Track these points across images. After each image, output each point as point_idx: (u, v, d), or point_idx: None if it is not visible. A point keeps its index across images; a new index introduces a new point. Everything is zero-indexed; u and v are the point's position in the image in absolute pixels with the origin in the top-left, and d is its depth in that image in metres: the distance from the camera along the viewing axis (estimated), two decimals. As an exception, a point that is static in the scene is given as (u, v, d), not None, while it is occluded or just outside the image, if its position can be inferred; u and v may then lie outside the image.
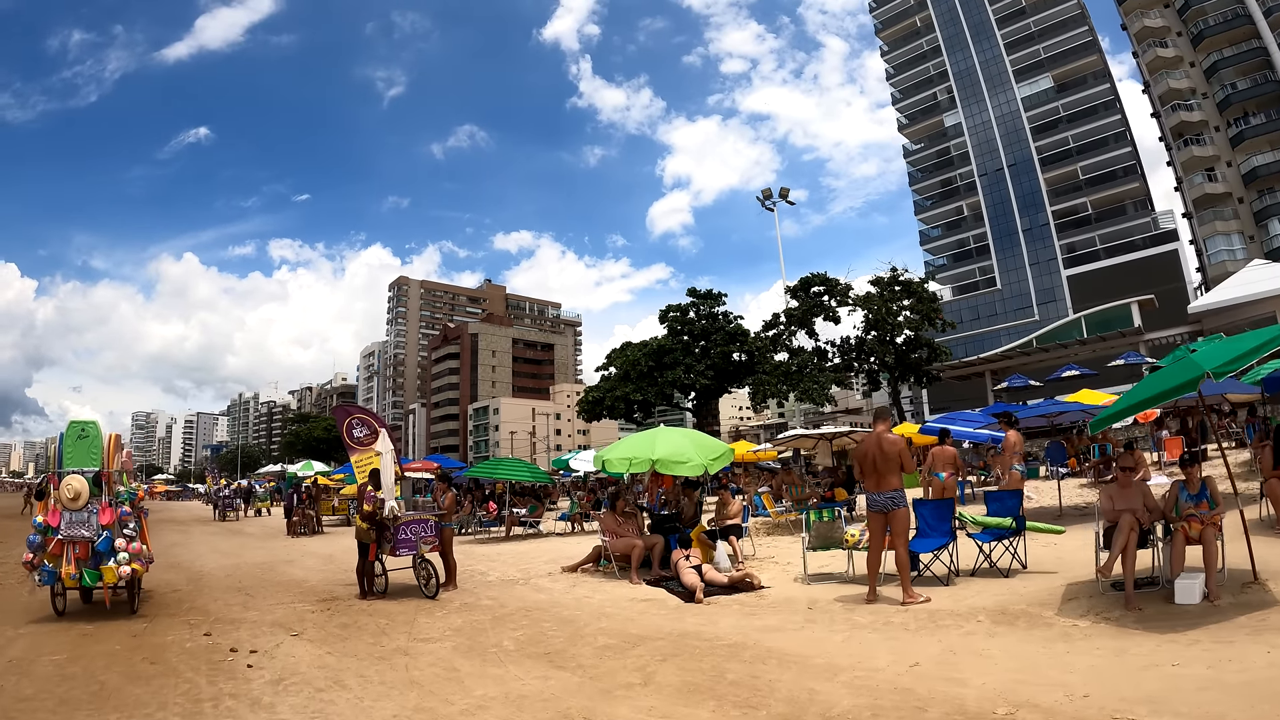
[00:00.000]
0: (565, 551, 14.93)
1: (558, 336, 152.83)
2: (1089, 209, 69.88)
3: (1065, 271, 69.05)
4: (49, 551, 9.84)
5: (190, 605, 9.92)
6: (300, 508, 24.21)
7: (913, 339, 39.58)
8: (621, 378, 49.50)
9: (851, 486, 16.28)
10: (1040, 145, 72.88)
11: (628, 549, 11.02)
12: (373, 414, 13.67)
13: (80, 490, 10.16)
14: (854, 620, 7.34)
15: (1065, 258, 69.54)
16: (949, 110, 79.90)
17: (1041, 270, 70.51)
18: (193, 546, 19.69)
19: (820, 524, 9.56)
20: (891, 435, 8.27)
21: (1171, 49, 59.03)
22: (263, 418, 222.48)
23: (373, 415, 13.53)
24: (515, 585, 10.99)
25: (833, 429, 17.42)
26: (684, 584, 9.33)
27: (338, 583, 11.78)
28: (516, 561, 14.02)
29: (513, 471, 21.08)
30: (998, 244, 73.82)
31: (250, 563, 15.56)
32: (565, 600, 9.48)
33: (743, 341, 46.80)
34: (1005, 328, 67.94)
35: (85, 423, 11.01)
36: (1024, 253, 71.76)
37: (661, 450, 11.25)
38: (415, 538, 10.14)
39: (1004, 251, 73.26)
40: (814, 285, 41.27)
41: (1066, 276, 68.80)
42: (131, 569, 9.76)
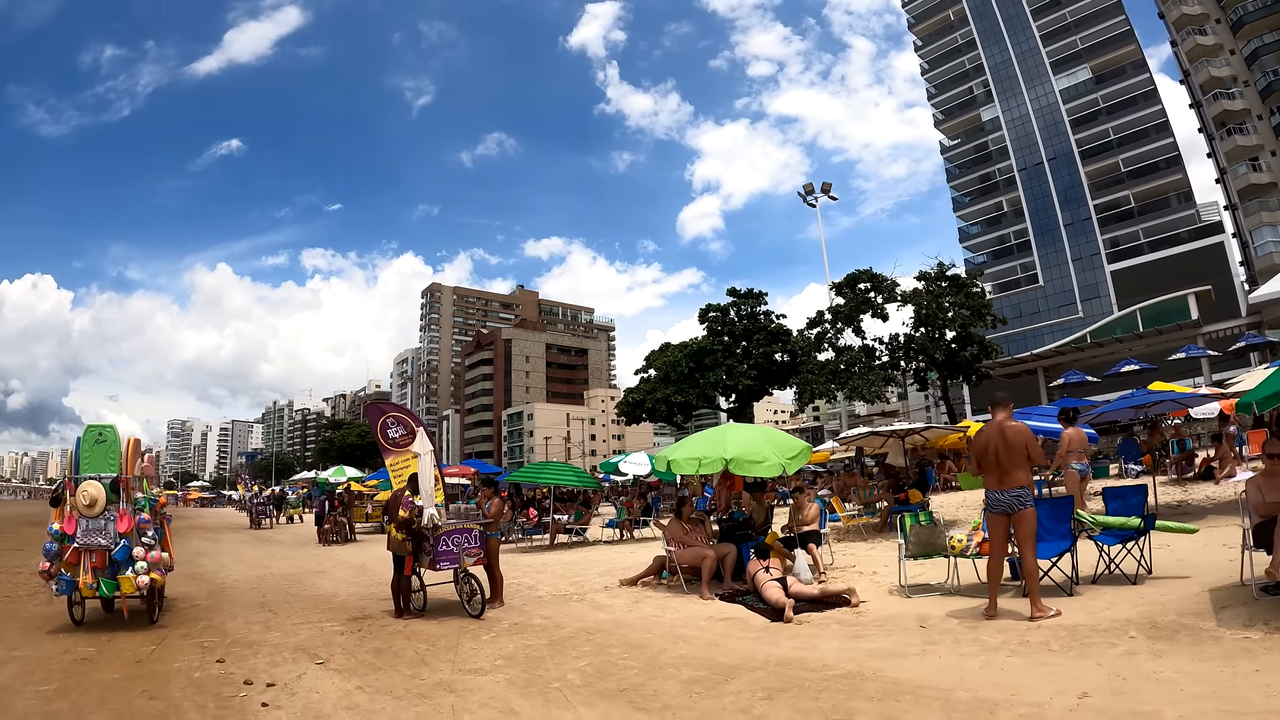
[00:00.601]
0: (618, 562, 13.89)
1: (591, 342, 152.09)
2: (1131, 202, 67.60)
3: (1109, 266, 66.74)
4: (66, 560, 9.44)
5: (206, 623, 9.08)
6: (332, 515, 23.37)
7: (963, 335, 38.11)
8: (662, 379, 48.52)
9: (925, 487, 15.10)
10: (1080, 138, 70.73)
11: (697, 560, 9.93)
12: (409, 412, 12.57)
13: (97, 497, 9.66)
14: (982, 640, 6.22)
15: (1108, 252, 67.28)
16: (986, 104, 77.92)
17: (1084, 266, 68.38)
18: (219, 555, 18.93)
19: (919, 528, 8.35)
20: (1015, 423, 7.11)
21: (1211, 36, 57.04)
22: (297, 425, 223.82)
23: (409, 414, 12.44)
24: (570, 601, 9.94)
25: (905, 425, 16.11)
26: (766, 600, 8.21)
27: (370, 597, 10.88)
28: (566, 573, 12.91)
29: (559, 476, 20.01)
30: (1039, 240, 71.74)
31: (277, 574, 14.70)
32: (631, 620, 8.38)
33: (785, 341, 45.60)
34: (1048, 325, 65.95)
35: (103, 427, 10.44)
36: (1066, 248, 69.67)
37: (735, 448, 10.06)
38: (458, 549, 9.08)
39: (1046, 247, 71.17)
40: (860, 281, 39.93)
41: (1110, 272, 66.55)
42: (150, 578, 9.36)
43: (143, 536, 9.79)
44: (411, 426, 11.88)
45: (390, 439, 11.92)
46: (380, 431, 11.98)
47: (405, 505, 9.23)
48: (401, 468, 11.39)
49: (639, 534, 19.14)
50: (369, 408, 12.82)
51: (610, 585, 10.99)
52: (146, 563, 9.53)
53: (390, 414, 12.27)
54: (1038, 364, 44.16)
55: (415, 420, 12.12)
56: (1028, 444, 6.96)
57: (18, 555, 17.99)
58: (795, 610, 7.70)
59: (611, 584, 11.08)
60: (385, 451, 11.94)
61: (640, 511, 20.03)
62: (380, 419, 12.12)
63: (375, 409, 12.47)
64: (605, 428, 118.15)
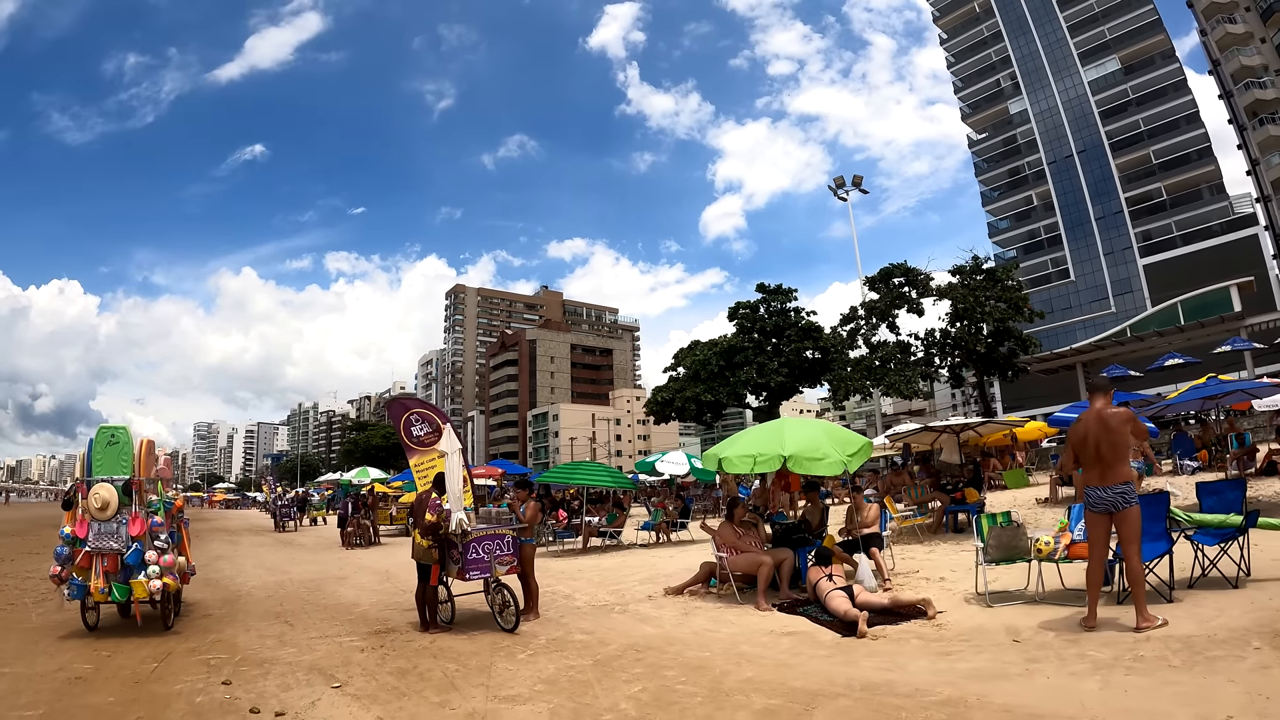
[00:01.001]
0: (659, 568, 13.08)
1: (615, 342, 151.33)
2: (1163, 194, 66.13)
3: (1141, 260, 65.43)
4: (77, 564, 9.25)
5: (216, 636, 8.48)
6: (355, 517, 22.71)
7: (1001, 330, 37.00)
8: (691, 378, 47.59)
9: (980, 485, 14.25)
10: (1110, 129, 69.38)
11: (752, 567, 9.12)
12: (434, 409, 11.60)
13: (108, 500, 9.40)
14: (1090, 656, 5.47)
15: (1141, 246, 65.92)
16: (1013, 97, 76.65)
17: (1116, 260, 66.97)
18: (238, 559, 18.37)
19: (999, 530, 7.51)
20: (1117, 410, 6.32)
21: (1241, 25, 55.55)
22: (322, 427, 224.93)
23: (435, 410, 11.52)
24: (611, 613, 9.17)
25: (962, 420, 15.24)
26: (832, 611, 7.46)
27: (394, 607, 10.25)
28: (604, 580, 12.10)
29: (592, 476, 19.18)
30: (1070, 234, 70.34)
31: (297, 579, 14.06)
32: (683, 635, 7.54)
33: (816, 338, 44.69)
34: (1080, 321, 64.61)
35: (115, 429, 10.15)
36: (1098, 242, 68.25)
37: (793, 444, 9.24)
38: (489, 557, 8.39)
39: (1077, 241, 69.74)
40: (894, 276, 38.89)
41: (1143, 266, 65.17)
42: (163, 583, 9.14)
43: (156, 540, 9.46)
44: (437, 424, 11.00)
45: (414, 437, 11.12)
46: (404, 429, 11.16)
47: (431, 509, 8.50)
48: (427, 468, 10.64)
49: (675, 537, 18.36)
50: (391, 404, 11.86)
51: (654, 594, 10.22)
52: (159, 567, 9.22)
53: (414, 410, 11.37)
54: (1076, 359, 42.78)
55: (442, 417, 11.23)
56: (1135, 431, 6.20)
57: (30, 559, 17.64)
58: (868, 623, 6.93)
59: (655, 593, 10.32)
60: (409, 451, 11.18)
61: (679, 514, 19.23)
62: (404, 416, 11.25)
63: (398, 405, 11.55)
64: (631, 428, 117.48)
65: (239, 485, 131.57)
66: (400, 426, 11.18)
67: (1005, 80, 77.38)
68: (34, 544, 22.13)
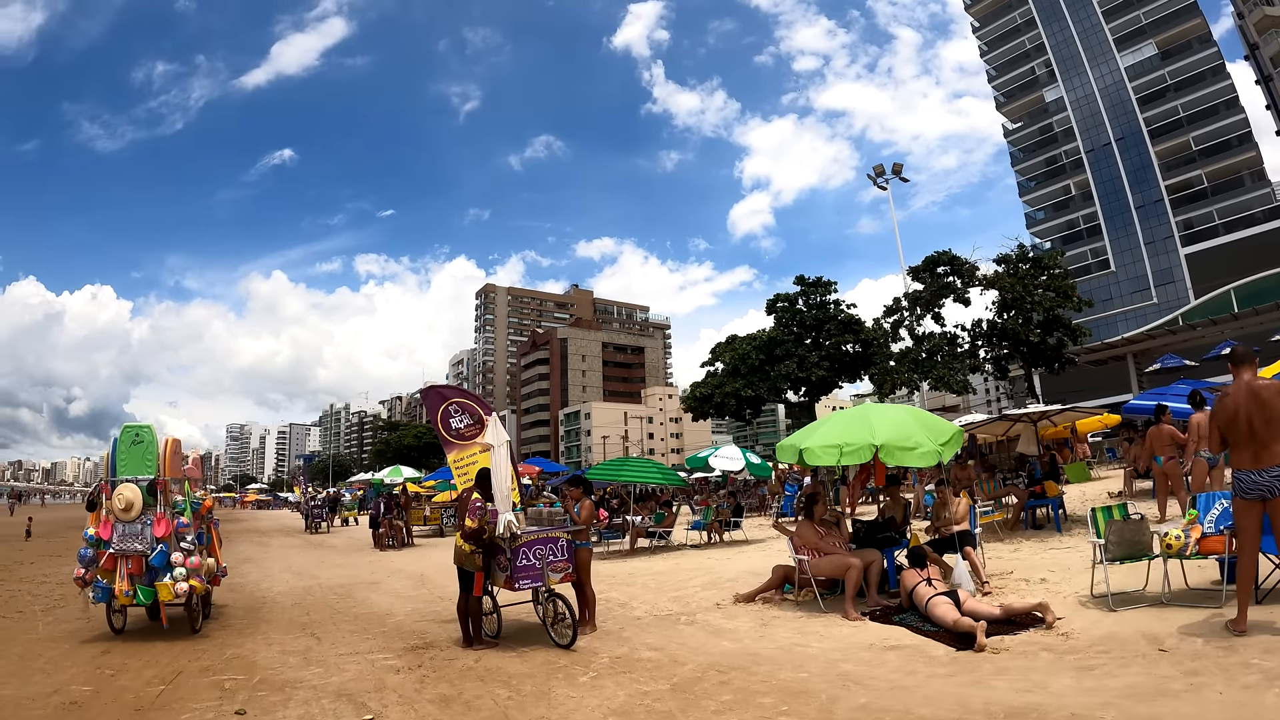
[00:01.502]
0: (719, 571, 12.07)
1: (647, 340, 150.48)
2: (1204, 181, 64.25)
3: (1183, 250, 63.60)
4: (101, 566, 8.97)
5: (235, 651, 7.76)
6: (387, 518, 21.98)
7: (1050, 319, 35.78)
8: (730, 373, 46.64)
9: (1058, 478, 13.30)
10: (1148, 116, 67.49)
11: (838, 570, 8.20)
12: (476, 398, 10.47)
13: (133, 500, 9.07)
14: (1256, 665, 4.72)
15: (1182, 235, 64.12)
16: (1049, 85, 74.92)
17: (1157, 249, 65.15)
18: (266, 562, 17.73)
19: (1120, 525, 6.60)
20: (1269, 381, 5.45)
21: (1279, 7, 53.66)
22: (354, 427, 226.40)
23: (476, 399, 10.41)
24: (678, 624, 8.16)
25: (1039, 407, 14.22)
26: (938, 620, 6.61)
27: (432, 617, 9.46)
28: (661, 586, 11.09)
29: (642, 473, 18.03)
30: (1109, 223, 68.61)
31: (326, 585, 13.36)
32: (767, 650, 6.60)
33: (857, 331, 43.72)
34: (1121, 312, 62.90)
35: (140, 427, 9.79)
36: (1138, 231, 66.47)
37: (884, 432, 8.20)
38: (541, 564, 7.48)
39: (1116, 231, 67.97)
40: (939, 265, 37.76)
41: (1184, 255, 63.37)
42: (189, 585, 8.83)
43: (181, 541, 9.15)
44: (479, 414, 9.97)
45: (453, 430, 10.03)
46: (441, 421, 10.08)
47: (473, 511, 7.62)
48: (467, 464, 9.68)
49: (729, 537, 17.38)
50: (428, 393, 10.67)
51: (722, 602, 9.23)
52: (185, 569, 8.91)
53: (453, 400, 10.27)
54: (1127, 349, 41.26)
55: (484, 407, 10.15)
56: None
57: (49, 563, 17.20)
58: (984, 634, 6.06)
59: (723, 600, 9.34)
60: (447, 445, 10.05)
61: (731, 511, 18.06)
62: (441, 407, 10.16)
63: (435, 394, 10.42)
64: (663, 426, 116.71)
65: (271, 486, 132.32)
66: (437, 418, 10.08)
67: (1040, 68, 75.71)
68: (58, 546, 21.69)
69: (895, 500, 9.71)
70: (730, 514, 17.85)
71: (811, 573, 8.48)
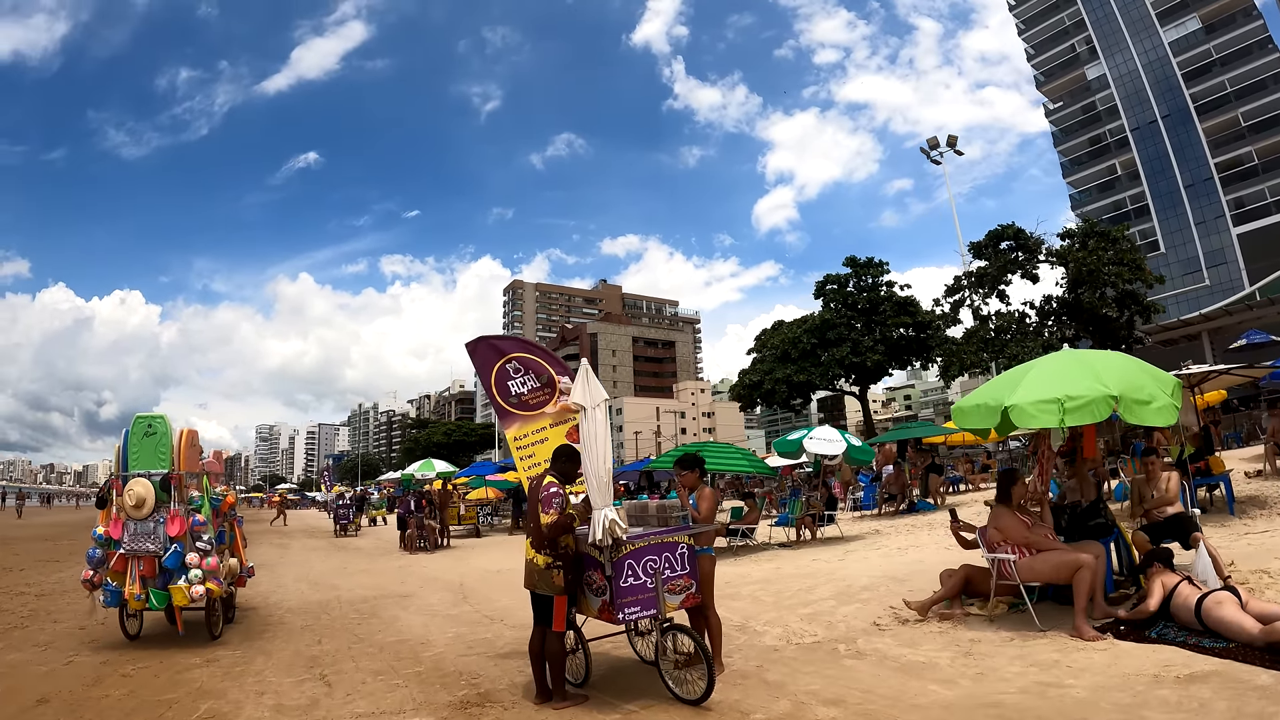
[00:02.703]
0: (840, 576, 10.23)
1: (677, 334, 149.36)
2: (1254, 159, 61.93)
3: (1234, 229, 61.40)
4: (112, 568, 8.38)
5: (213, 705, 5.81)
6: (416, 517, 20.25)
7: (1124, 295, 34.17)
8: (780, 358, 45.18)
9: (1212, 451, 12.07)
10: (1195, 92, 65.31)
11: (1064, 572, 6.43)
12: (542, 350, 7.68)
13: (145, 497, 8.47)
14: None
15: (1233, 214, 61.93)
16: (1090, 62, 72.75)
17: (1208, 229, 63.00)
18: (282, 568, 16.20)
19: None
20: None
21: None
22: (382, 427, 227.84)
23: (542, 353, 7.64)
24: (838, 656, 6.31)
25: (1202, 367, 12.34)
26: (1228, 630, 5.19)
27: (483, 648, 7.46)
28: (778, 598, 9.10)
29: (726, 460, 15.85)
30: (1157, 203, 66.42)
31: (347, 598, 11.67)
32: (1009, 696, 4.84)
33: (913, 313, 42.33)
34: (1173, 295, 60.61)
35: (152, 418, 9.16)
36: (1188, 211, 64.33)
37: (1115, 381, 6.34)
38: (655, 582, 5.24)
39: (1166, 212, 65.82)
40: (1004, 239, 36.13)
41: (1236, 235, 61.16)
42: (206, 588, 8.27)
43: (198, 541, 8.54)
44: (549, 374, 7.39)
45: (512, 396, 7.43)
46: (496, 384, 7.51)
47: (549, 503, 5.33)
48: (533, 442, 7.26)
49: (823, 534, 15.72)
50: (477, 345, 7.80)
51: (880, 619, 7.38)
52: (202, 570, 8.33)
53: (512, 356, 7.51)
54: (1203, 326, 39.15)
55: (556, 364, 7.49)
56: None
57: (43, 570, 15.92)
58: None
59: (880, 617, 7.49)
60: (505, 417, 7.46)
61: (825, 504, 16.23)
62: (496, 365, 7.52)
63: (486, 347, 7.68)
64: (695, 420, 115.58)
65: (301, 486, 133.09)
66: (491, 380, 7.56)
67: (1080, 45, 73.59)
68: (61, 550, 20.48)
69: (1082, 478, 7.73)
70: (824, 506, 16.07)
71: (1023, 576, 6.64)
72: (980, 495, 21.71)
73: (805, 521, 15.68)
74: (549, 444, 6.92)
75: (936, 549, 11.68)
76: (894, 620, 7.32)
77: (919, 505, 19.21)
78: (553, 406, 7.29)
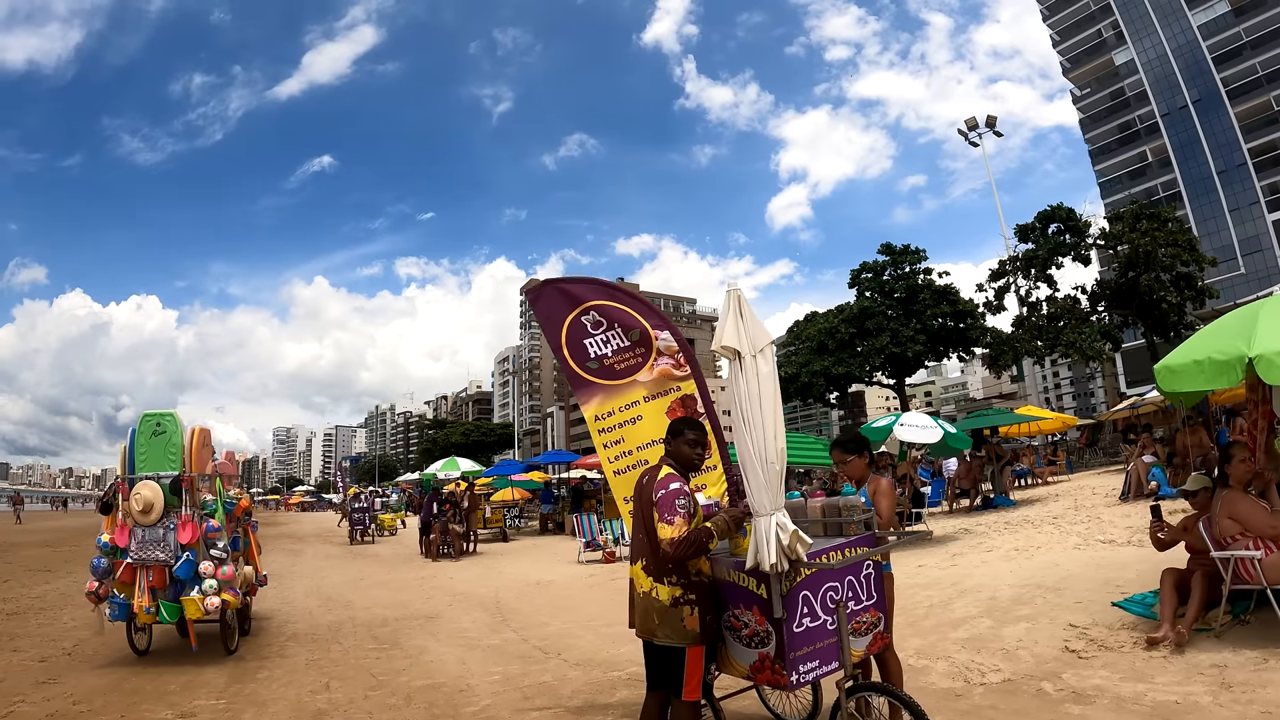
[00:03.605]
0: (964, 582, 8.92)
1: (696, 331, 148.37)
2: (1289, 143, 60.23)
3: (1270, 216, 59.91)
4: (118, 579, 7.76)
5: None
6: (440, 520, 18.55)
7: (1178, 278, 32.94)
8: (816, 349, 43.85)
9: None
10: (1225, 76, 63.77)
11: None
12: (632, 296, 5.68)
13: (154, 501, 7.84)
14: None
15: (1268, 200, 60.44)
16: (1118, 48, 71.23)
17: (1243, 216, 61.51)
18: (291, 580, 14.71)
19: None
20: None
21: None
22: (399, 428, 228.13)
23: (633, 299, 5.65)
24: (1052, 700, 4.88)
25: None
26: None
27: (546, 700, 5.77)
28: (907, 614, 7.42)
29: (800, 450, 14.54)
30: (1190, 190, 64.89)
31: (364, 619, 10.10)
32: None
33: (953, 302, 41.18)
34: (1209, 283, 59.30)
35: (161, 415, 8.53)
36: (1221, 198, 62.81)
37: None
38: (835, 621, 3.61)
39: (1199, 199, 64.24)
40: (1053, 221, 34.87)
41: (1272, 221, 59.71)
42: (221, 600, 7.67)
43: (212, 548, 7.90)
44: (643, 329, 5.47)
45: (592, 360, 5.58)
46: (569, 343, 5.65)
47: (672, 508, 3.60)
48: (623, 420, 5.48)
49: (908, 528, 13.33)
50: (541, 291, 5.82)
51: (1070, 642, 5.96)
52: (217, 580, 7.69)
53: (591, 306, 5.59)
54: (1262, 309, 37.97)
55: (652, 313, 5.60)
56: None
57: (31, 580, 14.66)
58: None
59: (1067, 638, 6.07)
60: (583, 389, 5.62)
61: (911, 501, 14.60)
62: (567, 319, 5.65)
63: (555, 293, 5.74)
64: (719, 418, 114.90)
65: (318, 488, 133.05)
66: (562, 339, 5.66)
67: (1108, 30, 72.07)
68: (58, 558, 19.07)
69: (1240, 461, 5.80)
70: (910, 503, 14.36)
71: (1271, 579, 5.23)
72: (1049, 490, 20.60)
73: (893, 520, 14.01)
74: (644, 424, 5.36)
75: (1064, 550, 10.34)
76: (1088, 643, 5.85)
77: (996, 500, 17.65)
78: (648, 373, 5.40)
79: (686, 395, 5.37)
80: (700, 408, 5.32)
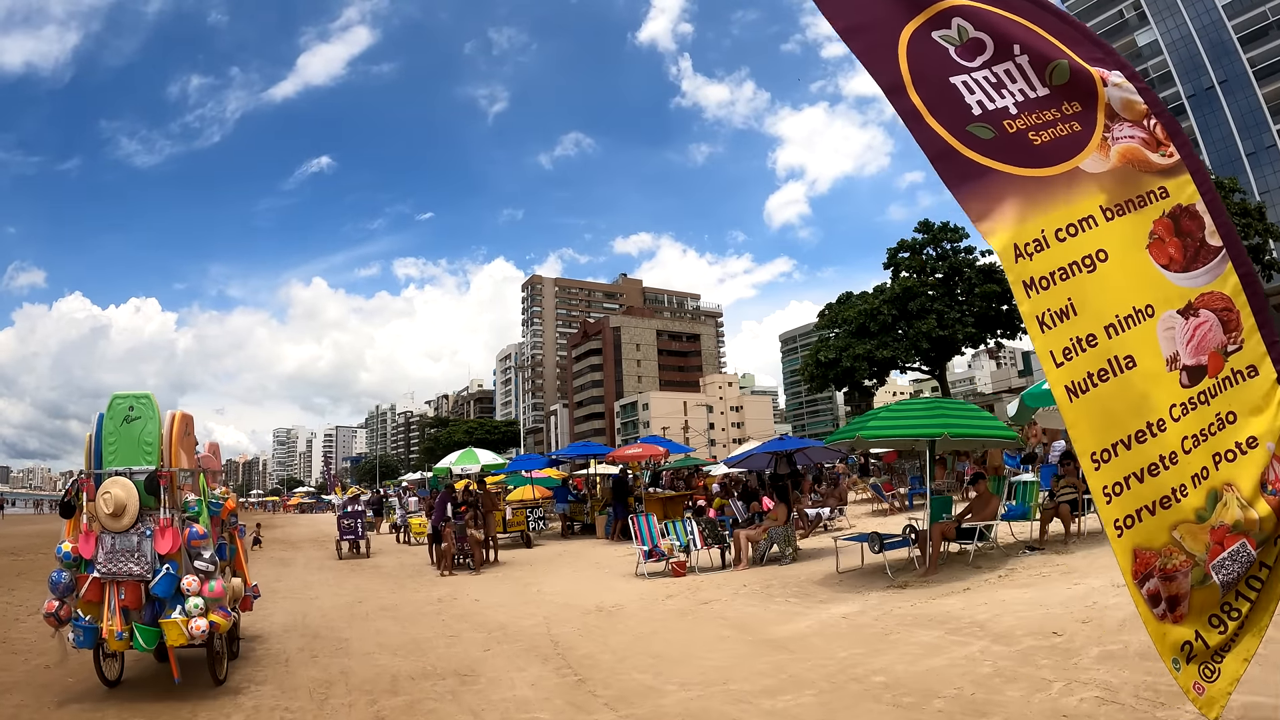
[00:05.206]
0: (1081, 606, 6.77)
1: (701, 327, 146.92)
2: (1319, 126, 58.90)
3: (1300, 197, 58.34)
4: (83, 597, 6.38)
5: None
6: (455, 524, 15.24)
7: (1250, 250, 31.38)
8: (856, 332, 41.87)
9: None
10: (1252, 56, 62.20)
11: None
12: None
13: (126, 502, 6.45)
14: None
15: (1299, 184, 58.85)
16: (1140, 29, 69.73)
17: (1274, 199, 59.72)
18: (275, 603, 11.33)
19: None
20: None
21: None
22: (400, 428, 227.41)
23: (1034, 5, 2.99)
24: None
25: None
26: None
27: None
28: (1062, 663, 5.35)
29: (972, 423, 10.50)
30: (1219, 173, 62.09)
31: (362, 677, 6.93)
32: None
33: (999, 281, 38.89)
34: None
35: (134, 397, 7.07)
36: (1251, 181, 61.08)
37: None
38: None
39: (1228, 182, 62.68)
40: None
41: (1302, 203, 58.06)
42: (209, 621, 6.31)
43: (197, 559, 6.56)
44: (1072, 63, 2.84)
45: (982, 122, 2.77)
46: (915, 83, 2.81)
47: None
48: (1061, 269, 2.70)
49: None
50: None
51: None
52: (203, 598, 6.35)
53: (952, 6, 2.91)
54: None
55: (1091, 43, 2.99)
56: None
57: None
58: None
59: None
60: (977, 183, 2.77)
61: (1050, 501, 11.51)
62: (906, 30, 2.94)
63: None
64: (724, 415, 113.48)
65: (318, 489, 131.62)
66: (903, 71, 2.86)
67: (1129, 10, 70.65)
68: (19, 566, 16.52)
69: None
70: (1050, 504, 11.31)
71: None
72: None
73: (1058, 511, 10.90)
74: (1109, 272, 2.69)
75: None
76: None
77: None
78: (1099, 155, 2.79)
79: (1183, 209, 2.81)
80: (1211, 228, 2.84)
